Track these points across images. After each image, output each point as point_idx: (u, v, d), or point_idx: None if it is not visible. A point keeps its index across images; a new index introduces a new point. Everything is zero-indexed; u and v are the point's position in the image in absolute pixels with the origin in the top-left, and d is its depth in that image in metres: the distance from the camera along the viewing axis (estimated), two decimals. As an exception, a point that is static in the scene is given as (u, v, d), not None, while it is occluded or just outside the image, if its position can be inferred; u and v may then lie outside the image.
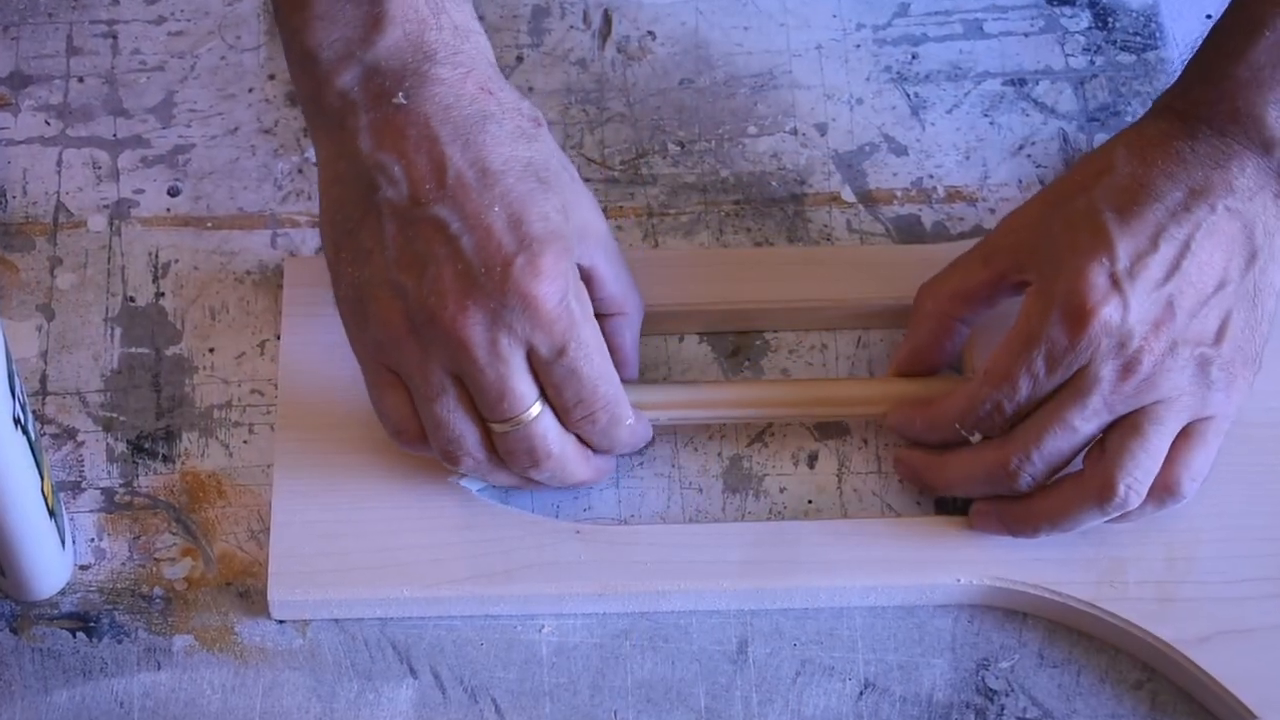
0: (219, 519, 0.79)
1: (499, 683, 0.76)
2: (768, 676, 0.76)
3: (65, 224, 0.85)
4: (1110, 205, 0.73)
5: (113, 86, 0.89)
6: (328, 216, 0.74)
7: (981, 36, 0.92)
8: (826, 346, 0.83)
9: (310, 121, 0.75)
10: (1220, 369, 0.73)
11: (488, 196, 0.70)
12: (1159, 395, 0.72)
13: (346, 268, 0.73)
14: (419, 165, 0.71)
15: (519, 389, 0.71)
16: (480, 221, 0.70)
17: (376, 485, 0.77)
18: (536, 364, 0.71)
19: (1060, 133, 0.89)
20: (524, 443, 0.73)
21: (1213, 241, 0.72)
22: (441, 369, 0.71)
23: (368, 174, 0.71)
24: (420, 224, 0.71)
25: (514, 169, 0.71)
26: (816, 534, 0.77)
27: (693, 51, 0.91)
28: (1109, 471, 0.73)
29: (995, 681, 0.76)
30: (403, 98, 0.71)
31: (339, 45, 0.72)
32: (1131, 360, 0.72)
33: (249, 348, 0.82)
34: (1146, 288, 0.71)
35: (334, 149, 0.73)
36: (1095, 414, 0.73)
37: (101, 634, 0.76)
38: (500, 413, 0.72)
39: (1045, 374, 0.73)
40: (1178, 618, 0.75)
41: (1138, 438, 0.73)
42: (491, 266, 0.70)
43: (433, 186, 0.71)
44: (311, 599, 0.75)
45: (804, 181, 0.87)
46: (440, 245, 0.70)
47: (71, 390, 0.81)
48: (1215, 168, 0.73)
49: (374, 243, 0.71)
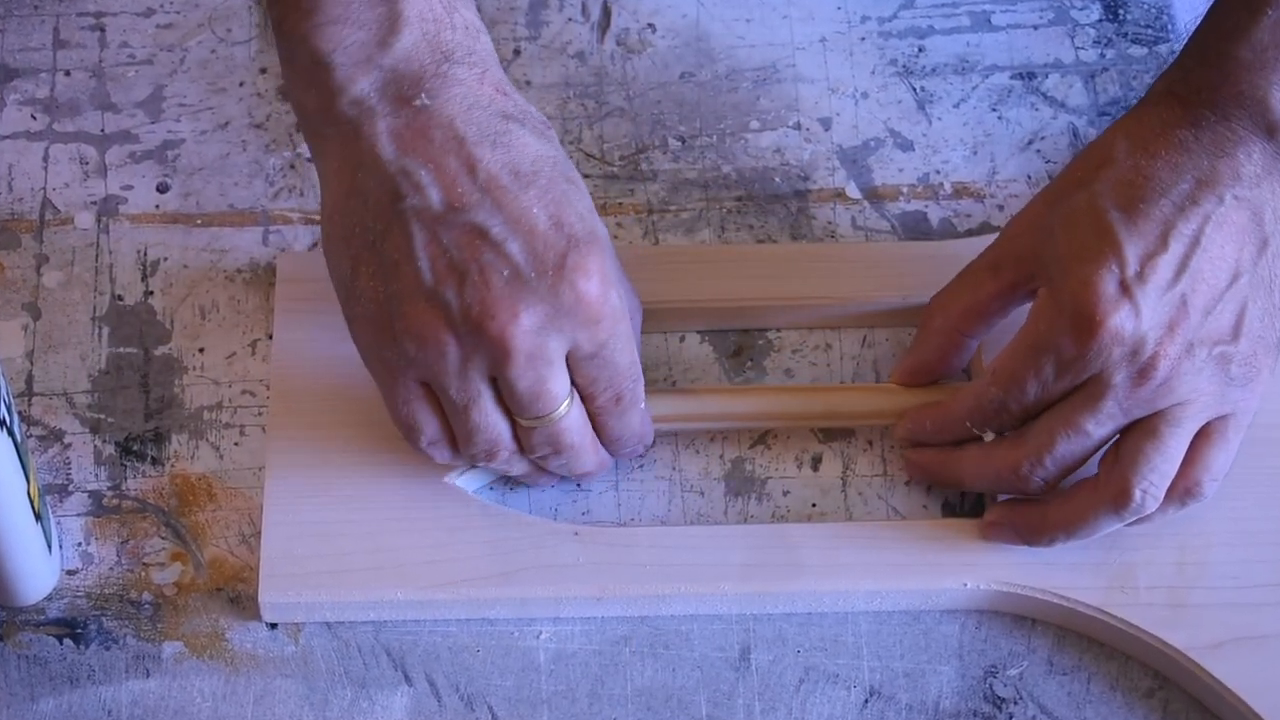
0: (209, 523, 0.79)
1: (496, 690, 0.76)
2: (770, 684, 0.76)
3: (52, 221, 0.85)
4: (1114, 202, 0.72)
5: (100, 80, 0.89)
6: (339, 231, 0.72)
7: (989, 29, 0.92)
8: (831, 346, 0.83)
9: (314, 132, 0.73)
10: (1240, 364, 0.72)
11: (525, 198, 0.70)
12: (1176, 398, 0.72)
13: (368, 282, 0.71)
14: (449, 169, 0.69)
15: (555, 389, 0.72)
16: (523, 224, 0.69)
17: (371, 484, 0.77)
18: (574, 358, 0.72)
19: (1070, 127, 0.89)
20: (550, 436, 0.73)
21: (1223, 234, 0.71)
22: (479, 374, 0.71)
23: (390, 182, 0.70)
24: (457, 230, 0.69)
25: (544, 169, 0.71)
26: (819, 537, 0.77)
27: (694, 44, 0.91)
28: (1124, 476, 0.73)
29: (1004, 689, 0.76)
30: (425, 99, 0.70)
31: (354, 50, 0.70)
32: (1146, 366, 0.71)
33: (240, 347, 0.82)
34: (1158, 290, 0.71)
35: (346, 159, 0.71)
36: (1109, 418, 0.72)
37: (89, 641, 0.76)
38: (534, 411, 0.72)
39: (1054, 380, 0.73)
40: (1189, 624, 0.75)
41: (1153, 441, 0.72)
42: (543, 269, 0.69)
43: (466, 190, 0.69)
44: (303, 601, 0.75)
45: (808, 178, 0.87)
46: (484, 251, 0.69)
47: (58, 391, 0.81)
48: (1221, 156, 0.72)
49: (401, 254, 0.70)
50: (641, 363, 0.80)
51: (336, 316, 0.74)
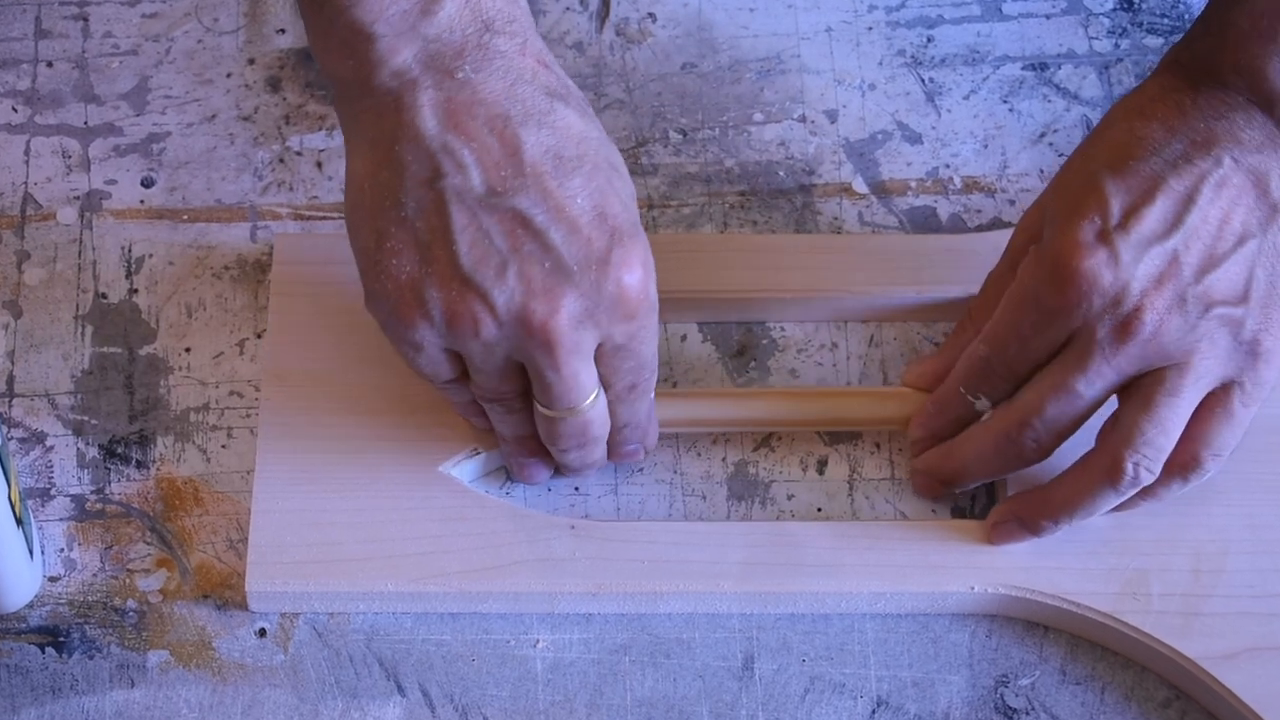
0: (196, 528, 0.79)
1: (491, 701, 0.76)
2: (775, 694, 0.76)
3: (33, 216, 0.85)
4: (1104, 162, 0.73)
5: (83, 71, 0.89)
6: (369, 203, 0.71)
7: (1000, 18, 0.92)
8: (837, 345, 0.83)
9: (349, 105, 0.72)
10: (1254, 326, 0.72)
11: (569, 186, 0.70)
12: (1169, 357, 0.72)
13: (394, 259, 0.71)
14: (493, 150, 0.69)
15: (586, 381, 0.72)
16: (565, 213, 0.70)
17: (363, 472, 0.78)
18: (603, 350, 0.72)
19: (1084, 120, 0.89)
20: (575, 429, 0.74)
21: (1223, 195, 0.71)
22: (508, 361, 0.72)
23: (431, 159, 0.70)
24: (499, 214, 0.69)
25: (589, 154, 0.71)
26: (823, 535, 0.77)
27: (695, 34, 0.91)
28: (1116, 449, 0.73)
29: (1015, 699, 0.76)
30: (470, 71, 0.70)
31: (396, 20, 0.69)
32: (1129, 318, 0.71)
33: (227, 347, 0.82)
34: (1142, 242, 0.71)
35: (383, 131, 0.71)
36: (1099, 376, 0.72)
37: (72, 649, 0.76)
38: (565, 404, 0.73)
39: (1033, 332, 0.73)
40: (1203, 633, 0.75)
41: (1146, 411, 0.72)
42: (586, 262, 0.70)
43: (509, 174, 0.69)
44: (291, 590, 0.75)
45: (813, 172, 0.87)
46: (526, 240, 0.69)
47: (40, 392, 0.81)
48: (1218, 119, 0.72)
49: (435, 235, 0.70)
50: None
51: (333, 299, 0.74)
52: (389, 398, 0.79)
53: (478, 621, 0.77)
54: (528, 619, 0.77)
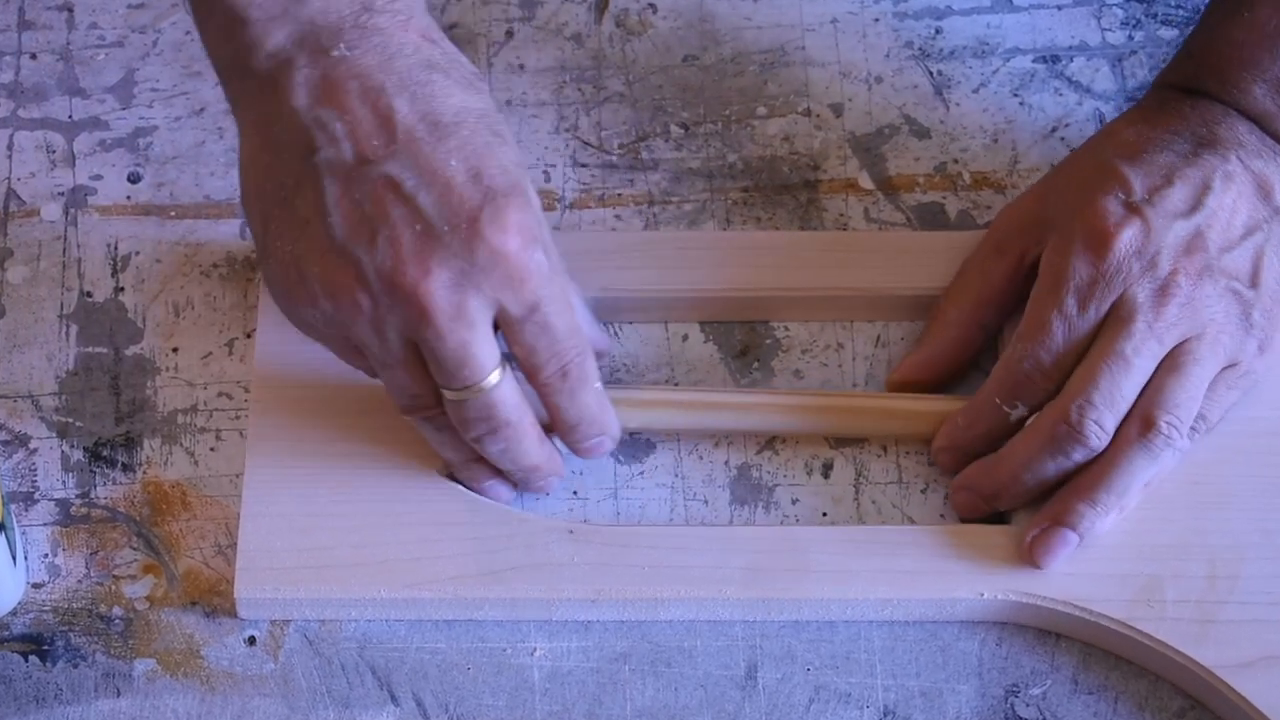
0: (183, 533, 0.78)
1: (487, 711, 0.76)
2: (779, 704, 0.76)
3: (16, 213, 0.85)
4: (1116, 153, 0.77)
5: (68, 64, 0.89)
6: (253, 187, 0.73)
7: (1011, 9, 0.92)
8: (843, 346, 0.83)
9: (232, 90, 0.74)
10: (1261, 314, 0.76)
11: (442, 149, 0.70)
12: (1198, 326, 0.75)
13: (277, 241, 0.72)
14: (364, 120, 0.70)
15: (480, 355, 0.71)
16: (438, 176, 0.70)
17: (355, 476, 0.78)
18: (504, 323, 0.72)
19: (1096, 114, 0.89)
20: (481, 411, 0.73)
21: (1231, 188, 0.76)
22: (397, 334, 0.71)
23: (304, 134, 0.71)
24: (369, 183, 0.70)
25: (467, 120, 0.71)
26: (827, 541, 0.77)
27: (697, 26, 0.91)
28: (1149, 408, 0.75)
29: (1026, 709, 0.76)
30: (345, 49, 0.71)
31: (269, 3, 0.71)
32: (1167, 281, 0.75)
33: (216, 347, 0.82)
34: (1168, 214, 0.75)
35: (262, 113, 0.72)
36: (1143, 342, 0.74)
37: (56, 657, 0.76)
38: (460, 380, 0.72)
39: (1078, 311, 0.75)
40: (1219, 641, 0.75)
41: (1176, 374, 0.75)
42: (456, 223, 0.70)
43: (380, 143, 0.70)
44: (281, 597, 0.75)
45: (818, 167, 0.87)
46: (395, 205, 0.70)
47: (23, 393, 0.81)
48: (1218, 124, 0.78)
49: (312, 210, 0.71)
50: (642, 362, 0.80)
51: None
52: (381, 398, 0.79)
53: (473, 629, 0.77)
54: (525, 626, 0.77)
